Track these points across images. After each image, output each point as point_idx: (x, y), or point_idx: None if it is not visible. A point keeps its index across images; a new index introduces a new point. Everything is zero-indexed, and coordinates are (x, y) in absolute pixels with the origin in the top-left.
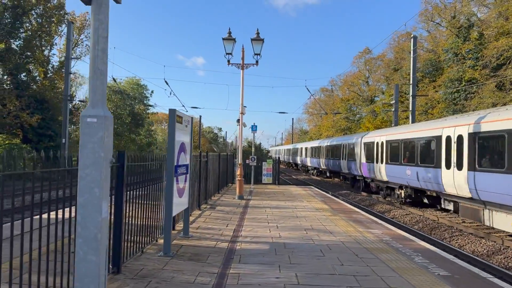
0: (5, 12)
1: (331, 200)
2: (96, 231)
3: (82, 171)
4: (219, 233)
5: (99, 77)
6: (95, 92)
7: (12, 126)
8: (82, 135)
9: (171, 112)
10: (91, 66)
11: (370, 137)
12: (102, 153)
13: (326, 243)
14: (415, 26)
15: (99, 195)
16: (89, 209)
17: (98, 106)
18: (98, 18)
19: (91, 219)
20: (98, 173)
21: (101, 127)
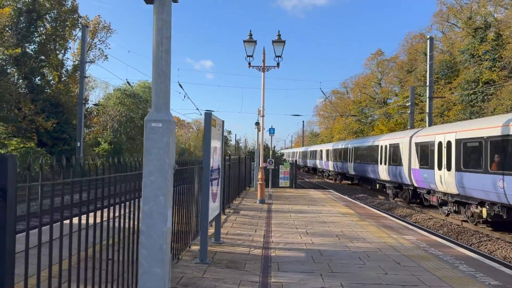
0: (20, 17)
1: (354, 205)
2: (161, 241)
3: (146, 178)
4: (250, 239)
5: (163, 80)
6: (159, 96)
7: (28, 130)
8: (147, 141)
9: (207, 116)
10: (154, 68)
11: (427, 135)
12: (167, 159)
13: (363, 250)
14: (429, 27)
15: (165, 203)
16: (154, 218)
17: (163, 110)
18: (162, 18)
19: (156, 228)
20: (163, 180)
21: (166, 132)
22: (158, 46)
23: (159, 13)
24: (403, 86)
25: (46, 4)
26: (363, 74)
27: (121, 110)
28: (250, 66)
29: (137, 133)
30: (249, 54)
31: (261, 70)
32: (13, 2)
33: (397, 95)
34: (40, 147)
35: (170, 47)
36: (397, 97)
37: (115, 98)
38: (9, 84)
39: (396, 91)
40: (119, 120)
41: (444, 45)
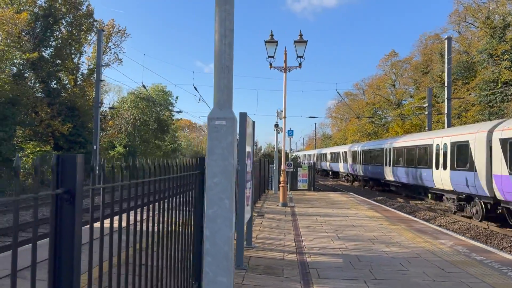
0: (37, 21)
1: (379, 208)
2: (227, 248)
3: (210, 180)
4: (281, 244)
5: (226, 75)
6: (222, 92)
7: (44, 134)
8: (210, 140)
9: (242, 117)
10: (217, 62)
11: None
12: (232, 160)
13: (402, 255)
14: (445, 28)
15: (229, 207)
16: (219, 223)
17: (226, 107)
18: (225, 9)
19: (221, 234)
20: (228, 182)
21: (230, 131)
22: (221, 39)
23: (222, 4)
24: (418, 87)
25: (62, 8)
26: (377, 75)
27: (135, 113)
28: (272, 67)
29: (151, 136)
30: (271, 55)
31: (282, 71)
32: (29, 7)
33: (412, 97)
34: (56, 150)
35: (233, 40)
36: (412, 99)
37: (129, 101)
38: (26, 88)
39: (411, 92)
40: (133, 124)
41: (460, 45)
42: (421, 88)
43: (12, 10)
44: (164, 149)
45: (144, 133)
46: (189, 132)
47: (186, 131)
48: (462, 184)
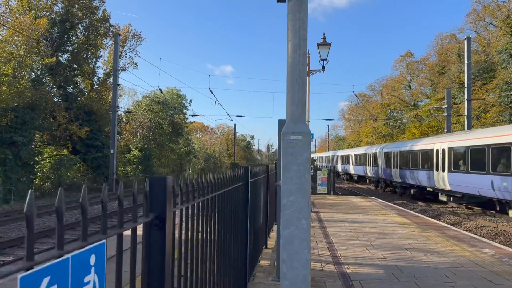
0: (54, 27)
1: (405, 213)
2: (305, 271)
3: (286, 199)
4: (315, 252)
5: (301, 87)
6: (297, 105)
7: (62, 138)
8: (285, 156)
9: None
10: (290, 74)
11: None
12: (309, 176)
13: (443, 265)
14: (462, 27)
15: (307, 227)
16: (296, 245)
17: (301, 121)
18: (300, 17)
19: (298, 257)
20: (304, 201)
21: (306, 146)
22: (295, 50)
23: (296, 12)
24: (435, 88)
25: (78, 13)
26: (392, 76)
27: (150, 117)
28: None
29: (165, 139)
30: None
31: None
32: (46, 12)
33: (428, 97)
34: (73, 154)
35: (307, 49)
36: (429, 100)
37: (144, 105)
38: (45, 93)
39: (427, 93)
40: (149, 127)
41: (479, 46)
42: (438, 89)
43: (31, 16)
44: (178, 152)
45: (158, 136)
46: (201, 135)
47: (198, 134)
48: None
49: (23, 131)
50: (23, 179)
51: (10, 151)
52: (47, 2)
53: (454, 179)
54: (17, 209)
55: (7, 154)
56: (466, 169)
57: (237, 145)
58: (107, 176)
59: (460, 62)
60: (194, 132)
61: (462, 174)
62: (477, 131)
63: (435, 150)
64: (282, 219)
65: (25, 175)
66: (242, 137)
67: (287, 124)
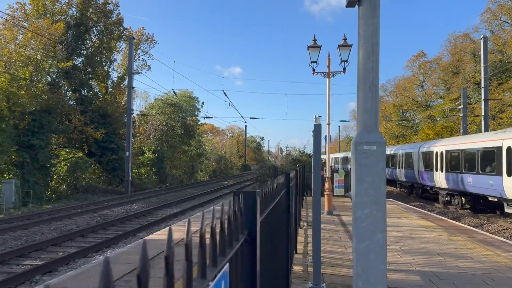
0: (69, 31)
1: (428, 216)
2: (381, 286)
3: (360, 211)
4: (346, 258)
5: (373, 94)
6: (370, 114)
7: (78, 141)
8: (358, 166)
9: (317, 128)
10: (362, 81)
11: None
12: (384, 188)
13: (480, 272)
14: (476, 27)
15: (383, 241)
16: (372, 260)
17: (374, 130)
18: (372, 22)
19: (374, 272)
20: (381, 214)
21: (381, 156)
22: (367, 56)
23: (369, 17)
24: (449, 88)
25: (93, 17)
26: (404, 76)
27: (162, 119)
28: (315, 73)
29: (177, 141)
30: (314, 60)
31: (326, 76)
32: (61, 17)
33: (442, 98)
34: (88, 157)
35: (379, 55)
36: (442, 100)
37: (156, 107)
38: (61, 97)
39: (440, 94)
40: (161, 129)
41: (494, 45)
42: (452, 89)
43: (49, 21)
44: (190, 154)
45: (171, 138)
46: (212, 136)
47: (209, 136)
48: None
49: (40, 134)
50: (40, 181)
51: (28, 154)
52: (62, 7)
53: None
54: (37, 212)
55: (25, 157)
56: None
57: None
58: (122, 178)
59: (475, 61)
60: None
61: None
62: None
63: (504, 148)
64: (356, 232)
65: (42, 177)
66: (252, 138)
67: (359, 133)
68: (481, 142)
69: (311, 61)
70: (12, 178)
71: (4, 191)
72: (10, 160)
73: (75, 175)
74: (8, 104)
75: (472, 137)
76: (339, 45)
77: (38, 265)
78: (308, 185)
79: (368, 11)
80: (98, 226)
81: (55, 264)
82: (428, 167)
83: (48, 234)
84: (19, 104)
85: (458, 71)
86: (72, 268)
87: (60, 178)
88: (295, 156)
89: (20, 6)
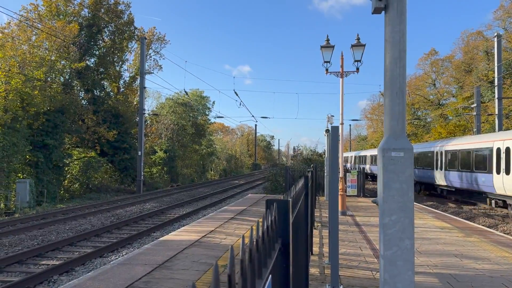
0: (81, 31)
1: (443, 216)
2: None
3: (387, 218)
4: (362, 259)
5: (401, 100)
6: (397, 119)
7: (90, 140)
8: (386, 173)
9: (334, 130)
10: (389, 88)
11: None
12: (412, 194)
13: (499, 274)
14: (489, 24)
15: (410, 247)
16: (400, 266)
17: (402, 136)
18: (400, 29)
19: (402, 279)
20: (408, 220)
21: (409, 163)
22: (395, 62)
23: (396, 24)
24: (461, 86)
25: (105, 17)
26: (415, 75)
27: (173, 119)
28: (328, 72)
29: (188, 141)
30: (327, 60)
31: (339, 76)
32: (74, 18)
33: (454, 96)
34: (101, 156)
35: (405, 61)
36: (454, 98)
37: (167, 107)
38: (74, 97)
39: (453, 92)
40: (172, 129)
41: (508, 43)
42: (465, 87)
43: (63, 22)
44: (200, 153)
45: (182, 137)
46: (222, 136)
47: (219, 135)
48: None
49: (54, 134)
50: (53, 181)
51: (42, 154)
52: (74, 8)
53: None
54: (52, 211)
55: (39, 157)
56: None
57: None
58: (134, 177)
59: (488, 59)
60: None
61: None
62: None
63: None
64: (383, 239)
65: (55, 177)
66: (262, 137)
67: (387, 139)
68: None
69: (324, 61)
70: (26, 178)
71: (18, 190)
72: (24, 160)
73: (87, 174)
74: (22, 104)
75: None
76: (352, 44)
77: (56, 265)
78: (320, 185)
79: (395, 18)
80: (112, 226)
81: (71, 264)
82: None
83: (63, 233)
84: (33, 104)
85: (471, 69)
86: (88, 268)
87: (73, 178)
88: (306, 155)
89: (34, 7)
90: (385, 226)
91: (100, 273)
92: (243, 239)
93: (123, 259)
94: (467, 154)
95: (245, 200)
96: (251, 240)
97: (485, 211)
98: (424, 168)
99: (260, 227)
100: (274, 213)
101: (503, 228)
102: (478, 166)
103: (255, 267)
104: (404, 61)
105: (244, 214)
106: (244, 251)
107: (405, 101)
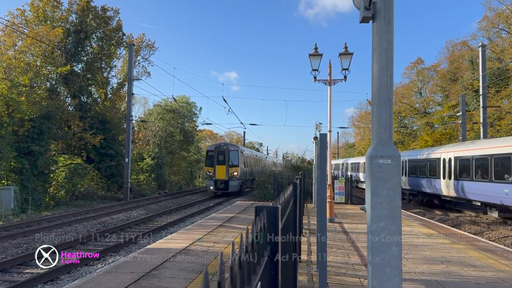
0: (69, 37)
1: (429, 223)
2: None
3: (375, 225)
4: (350, 267)
5: (388, 109)
6: (385, 127)
7: (77, 147)
8: (374, 180)
9: (322, 137)
10: (377, 96)
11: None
12: (399, 201)
13: (485, 281)
14: (474, 34)
15: (398, 254)
16: (387, 273)
17: (389, 144)
18: (387, 38)
19: (389, 285)
20: (396, 227)
21: (396, 170)
22: (382, 71)
23: (383, 33)
24: (447, 95)
25: (93, 23)
26: (401, 83)
27: (161, 125)
28: (316, 80)
29: (176, 147)
30: (315, 68)
31: (327, 84)
32: (61, 23)
33: (440, 105)
34: (87, 163)
35: (393, 70)
36: (440, 107)
37: (155, 113)
38: (60, 103)
39: (439, 101)
40: (160, 135)
41: (492, 52)
42: (450, 96)
43: (48, 27)
44: (188, 160)
45: (170, 144)
46: (211, 142)
47: (208, 142)
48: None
49: (40, 140)
50: (38, 188)
51: (27, 160)
52: (62, 13)
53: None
54: (37, 219)
55: (24, 163)
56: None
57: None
58: (120, 184)
59: (473, 69)
60: (204, 140)
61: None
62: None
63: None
64: (371, 246)
65: (41, 184)
66: (250, 144)
67: (374, 147)
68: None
69: (312, 69)
70: (11, 185)
71: (3, 197)
72: (9, 167)
73: (73, 181)
74: (7, 110)
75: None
76: (340, 53)
77: (40, 274)
78: (308, 192)
79: (382, 27)
80: (98, 234)
81: (56, 273)
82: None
83: (48, 241)
84: (19, 110)
85: (456, 78)
86: (74, 277)
87: (58, 185)
88: (294, 163)
89: (20, 12)
90: (373, 232)
91: (85, 281)
92: (233, 245)
93: (109, 267)
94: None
95: (234, 207)
96: (241, 247)
97: (471, 218)
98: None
99: (250, 234)
100: (263, 220)
101: (488, 235)
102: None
103: (244, 274)
104: (391, 69)
105: (233, 222)
106: (234, 257)
107: (392, 109)
